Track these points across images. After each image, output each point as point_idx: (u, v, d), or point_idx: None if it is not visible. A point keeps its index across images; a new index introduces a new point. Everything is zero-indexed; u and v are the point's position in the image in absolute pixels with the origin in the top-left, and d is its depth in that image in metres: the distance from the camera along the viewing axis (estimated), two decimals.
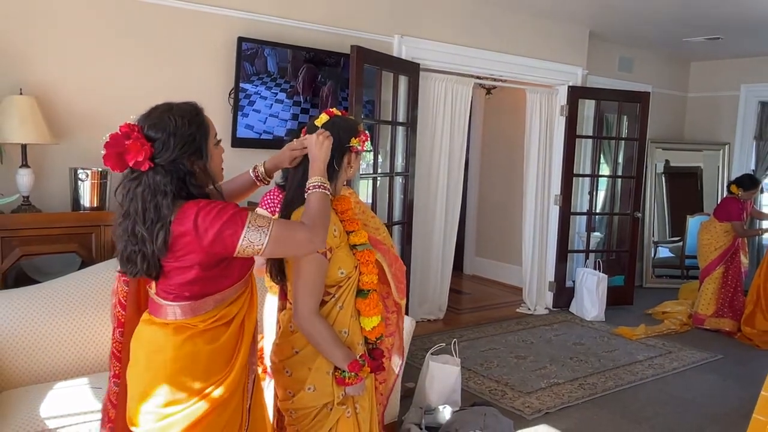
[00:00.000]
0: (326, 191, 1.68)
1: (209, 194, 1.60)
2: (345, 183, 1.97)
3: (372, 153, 4.46)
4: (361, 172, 4.52)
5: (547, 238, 5.77)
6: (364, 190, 4.57)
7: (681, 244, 6.85)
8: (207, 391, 1.54)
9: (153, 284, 1.60)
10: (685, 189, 6.90)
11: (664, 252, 6.95)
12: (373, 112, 4.39)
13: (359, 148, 1.82)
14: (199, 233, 1.47)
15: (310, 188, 1.68)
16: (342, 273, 1.78)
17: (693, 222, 6.62)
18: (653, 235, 6.84)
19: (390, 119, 4.61)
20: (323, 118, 1.84)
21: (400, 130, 4.77)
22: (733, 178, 6.21)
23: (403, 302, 2.02)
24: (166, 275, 1.55)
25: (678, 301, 5.84)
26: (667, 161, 6.90)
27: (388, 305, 2.03)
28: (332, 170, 1.79)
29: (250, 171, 1.93)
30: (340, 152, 1.80)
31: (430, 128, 4.88)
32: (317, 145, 1.75)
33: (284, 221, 1.62)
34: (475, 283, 6.59)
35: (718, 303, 5.20)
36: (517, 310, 5.72)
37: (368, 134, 1.90)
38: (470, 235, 6.86)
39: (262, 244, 1.52)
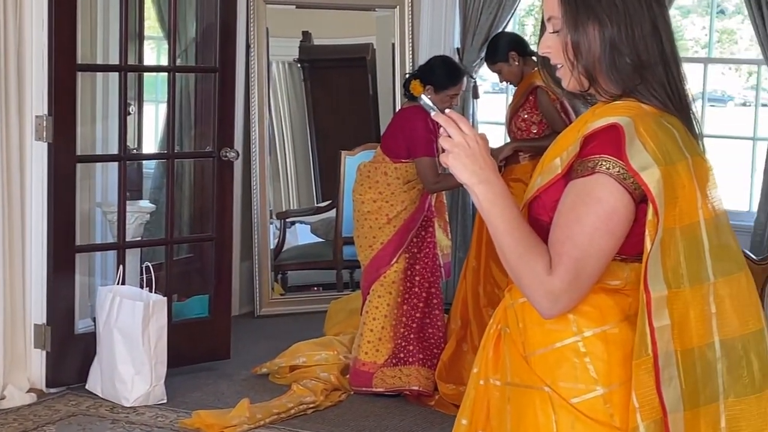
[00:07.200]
0: None
1: None
2: None
3: None
4: None
5: (24, 221, 5.54)
6: None
7: (335, 215, 7.14)
8: None
9: None
10: (344, 95, 7.39)
11: (303, 235, 7.39)
12: None
13: None
14: None
15: None
16: None
17: (354, 164, 6.52)
18: (273, 202, 7.16)
19: None
20: None
21: None
22: (417, 64, 6.59)
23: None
24: None
25: (322, 339, 5.91)
26: (305, 35, 7.18)
27: None
28: None
29: None
30: None
31: None
32: None
33: None
34: None
35: (396, 337, 5.30)
36: None
37: None
38: None
39: None
